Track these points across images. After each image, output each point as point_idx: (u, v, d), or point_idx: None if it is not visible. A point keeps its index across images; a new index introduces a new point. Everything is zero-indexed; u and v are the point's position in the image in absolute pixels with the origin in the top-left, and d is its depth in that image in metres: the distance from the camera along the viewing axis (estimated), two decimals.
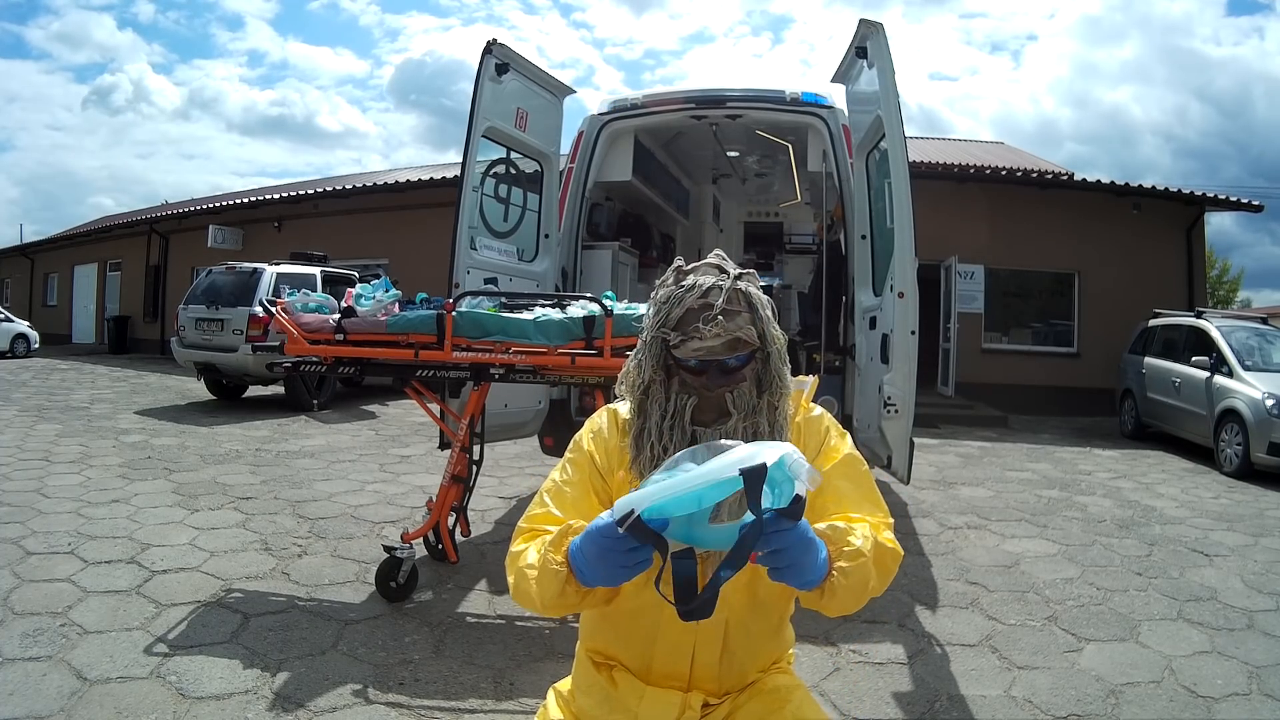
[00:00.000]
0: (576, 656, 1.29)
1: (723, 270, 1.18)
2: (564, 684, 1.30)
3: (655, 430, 1.16)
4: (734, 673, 1.21)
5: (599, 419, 1.28)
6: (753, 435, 1.13)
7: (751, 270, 1.22)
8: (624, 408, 1.25)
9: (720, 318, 1.11)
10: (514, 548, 1.16)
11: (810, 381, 1.30)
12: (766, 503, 0.91)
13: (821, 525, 1.04)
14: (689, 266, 1.20)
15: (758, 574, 1.18)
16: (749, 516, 0.91)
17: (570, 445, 1.27)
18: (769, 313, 1.17)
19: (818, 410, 1.28)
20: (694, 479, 0.90)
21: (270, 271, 8.75)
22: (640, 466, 1.16)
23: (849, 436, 1.28)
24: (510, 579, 1.15)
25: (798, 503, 0.92)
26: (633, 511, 0.91)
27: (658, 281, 1.22)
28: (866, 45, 3.58)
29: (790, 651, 1.32)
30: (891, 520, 1.22)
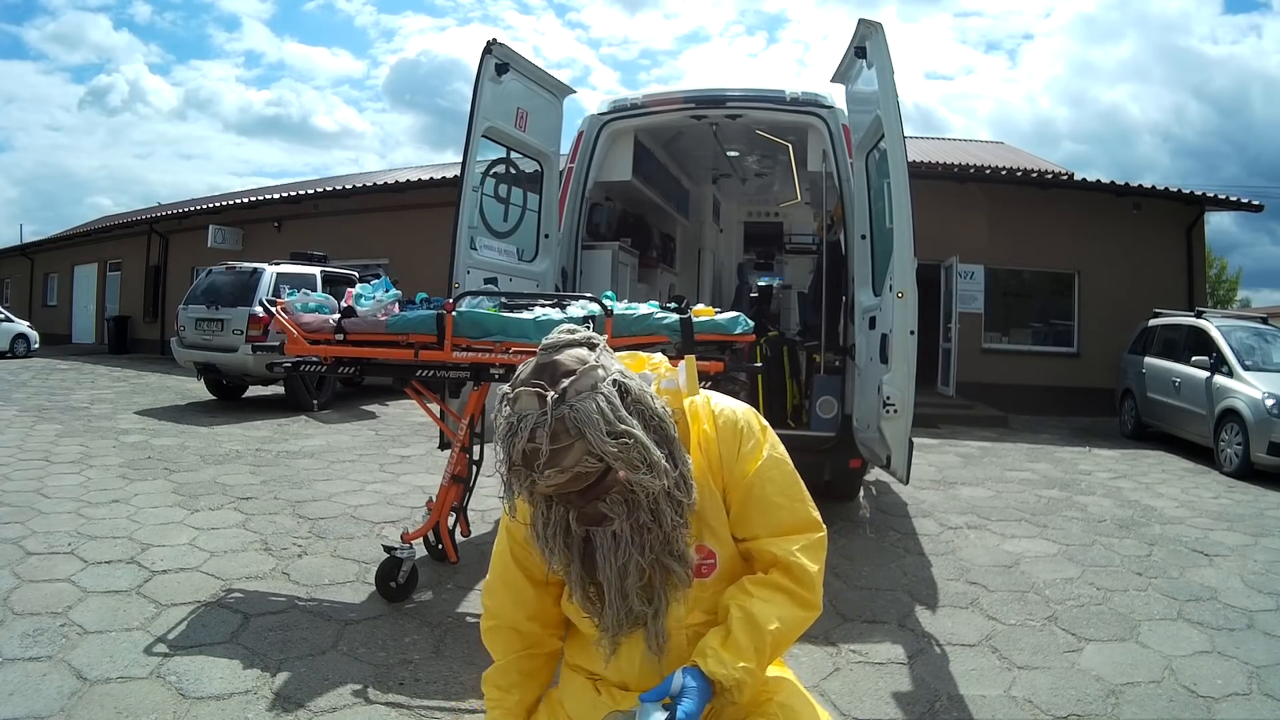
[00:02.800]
0: (562, 667, 1.31)
1: (544, 391, 1.01)
2: (554, 690, 1.32)
3: (542, 537, 1.13)
4: None
5: (510, 525, 1.28)
6: (640, 525, 1.09)
7: (581, 368, 1.04)
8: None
9: (548, 470, 1.00)
10: (485, 623, 1.33)
11: (679, 375, 1.18)
12: None
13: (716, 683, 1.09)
14: (515, 390, 1.05)
15: (706, 587, 1.18)
16: None
17: (495, 543, 1.32)
18: (607, 418, 1.01)
19: (727, 413, 1.19)
20: None
21: (270, 271, 8.74)
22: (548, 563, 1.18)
23: (770, 431, 1.21)
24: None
25: None
26: None
27: (497, 402, 1.12)
28: (866, 45, 3.58)
29: None
30: (823, 532, 1.20)
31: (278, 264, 9.10)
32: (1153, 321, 9.11)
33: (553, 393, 1.01)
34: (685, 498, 1.10)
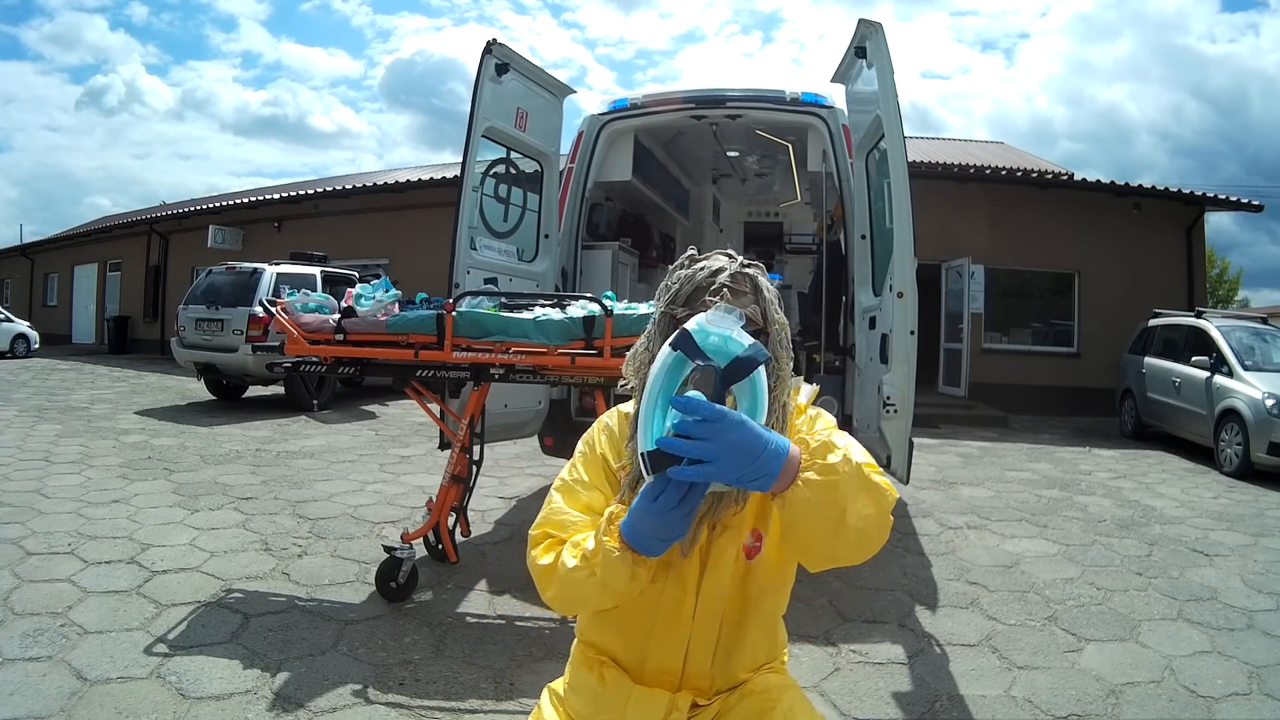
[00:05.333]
0: (571, 655, 1.29)
1: (732, 257, 1.22)
2: (558, 683, 1.30)
3: None
4: (726, 671, 1.20)
5: (609, 420, 1.26)
6: None
7: (759, 263, 1.25)
8: (631, 407, 1.24)
9: (726, 292, 1.14)
10: (540, 560, 1.14)
11: (809, 389, 1.28)
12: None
13: (802, 439, 1.04)
14: (701, 254, 1.24)
15: (750, 569, 1.19)
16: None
17: (580, 445, 1.26)
18: (773, 298, 1.20)
19: (816, 411, 1.27)
20: (650, 384, 0.98)
21: (270, 271, 8.75)
22: (633, 446, 1.15)
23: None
24: (549, 592, 1.12)
25: (738, 362, 0.95)
26: (644, 454, 0.96)
27: (670, 267, 1.24)
28: (866, 45, 3.58)
29: (784, 652, 1.32)
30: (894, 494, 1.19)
31: (278, 264, 9.10)
32: (1153, 321, 9.11)
33: (742, 258, 1.21)
34: (781, 420, 1.14)
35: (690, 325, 0.99)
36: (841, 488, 1.00)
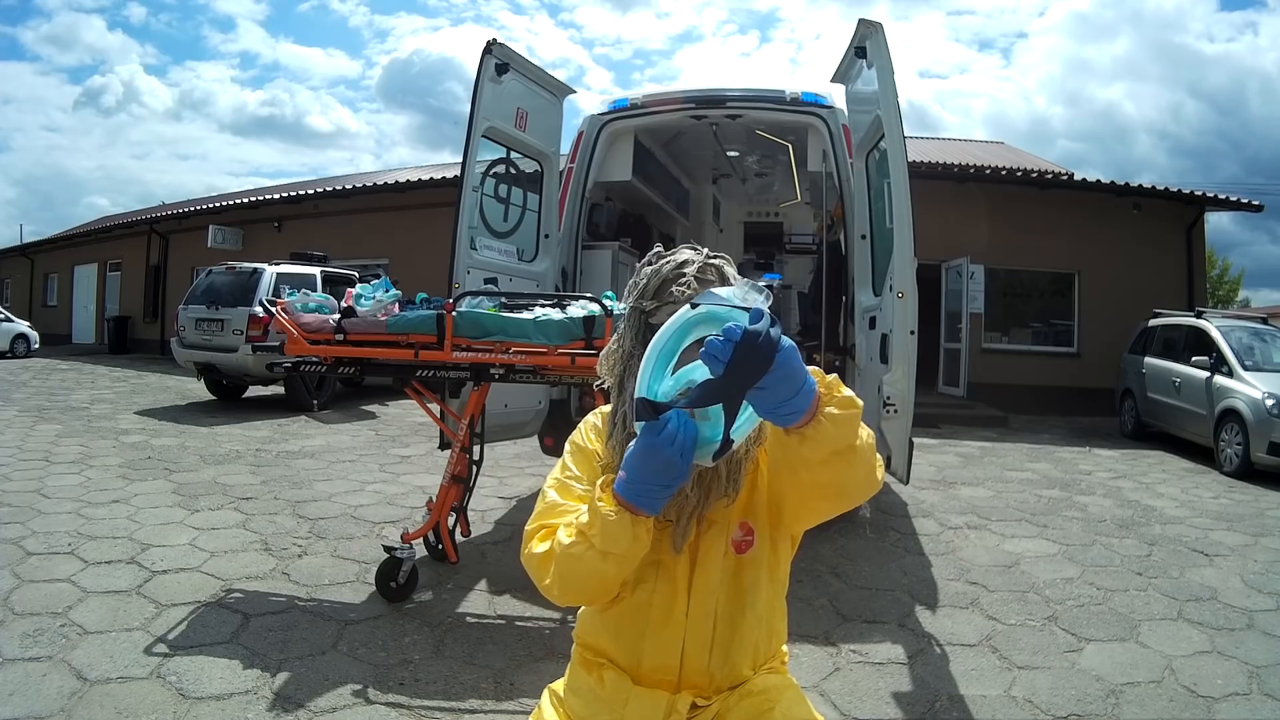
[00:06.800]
0: (571, 657, 1.30)
1: (697, 250, 1.23)
2: (558, 684, 1.30)
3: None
4: (725, 668, 1.20)
5: (594, 419, 1.28)
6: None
7: (725, 255, 1.25)
8: (610, 408, 1.25)
9: (694, 281, 1.14)
10: (535, 549, 1.13)
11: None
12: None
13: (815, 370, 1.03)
14: (672, 250, 1.25)
15: (741, 564, 1.19)
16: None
17: (569, 445, 1.26)
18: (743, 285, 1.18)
19: None
20: (655, 344, 0.98)
21: (270, 271, 8.75)
22: (614, 442, 1.16)
23: None
24: (547, 578, 1.11)
25: (755, 325, 0.89)
26: (635, 402, 0.97)
27: (638, 265, 1.25)
28: (866, 45, 3.59)
29: (783, 650, 1.32)
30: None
31: (278, 264, 9.10)
32: (1153, 321, 9.11)
33: (708, 251, 1.22)
34: None
35: (722, 293, 0.98)
36: (858, 420, 1.02)
